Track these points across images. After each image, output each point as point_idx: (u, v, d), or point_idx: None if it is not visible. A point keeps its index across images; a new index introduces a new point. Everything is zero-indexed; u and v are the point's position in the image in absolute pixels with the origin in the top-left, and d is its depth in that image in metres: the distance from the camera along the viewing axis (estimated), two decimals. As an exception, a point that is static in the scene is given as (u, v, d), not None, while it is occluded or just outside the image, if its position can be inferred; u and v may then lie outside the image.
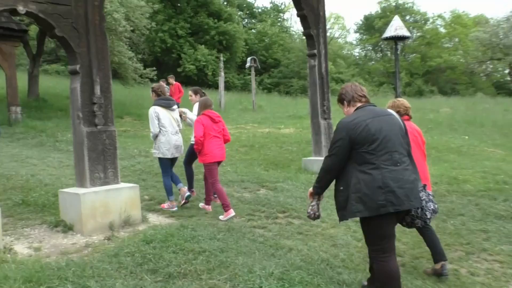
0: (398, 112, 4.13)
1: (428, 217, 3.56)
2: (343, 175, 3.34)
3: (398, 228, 3.66)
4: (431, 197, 3.66)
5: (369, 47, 50.82)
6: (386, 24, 41.34)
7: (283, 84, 38.80)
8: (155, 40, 31.69)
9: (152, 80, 18.83)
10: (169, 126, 6.27)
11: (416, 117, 15.49)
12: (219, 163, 6.35)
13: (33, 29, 17.21)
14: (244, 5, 45.71)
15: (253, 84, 22.97)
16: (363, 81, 40.32)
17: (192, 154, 6.83)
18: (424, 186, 3.62)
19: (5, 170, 8.09)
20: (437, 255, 4.28)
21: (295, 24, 51.56)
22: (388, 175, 3.17)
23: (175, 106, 6.53)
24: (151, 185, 7.77)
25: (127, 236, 5.02)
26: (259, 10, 49.18)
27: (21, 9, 4.63)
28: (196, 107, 6.63)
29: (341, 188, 3.35)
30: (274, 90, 36.49)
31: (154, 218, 5.97)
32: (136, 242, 4.66)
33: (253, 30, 45.33)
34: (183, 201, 6.43)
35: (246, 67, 23.87)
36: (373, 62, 49.32)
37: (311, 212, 3.58)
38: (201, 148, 6.06)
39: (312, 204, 3.60)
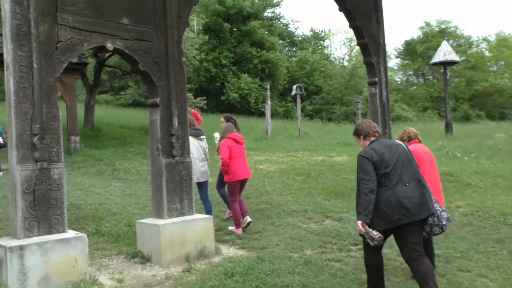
0: (409, 137, 5.04)
1: (444, 223, 4.11)
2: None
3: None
4: (443, 208, 4.23)
5: (410, 72, 50.08)
6: (428, 49, 40.91)
7: (325, 111, 38.68)
8: (200, 69, 32.45)
9: (201, 109, 19.17)
10: (196, 153, 6.81)
11: (473, 144, 15.07)
12: (244, 180, 7.05)
13: (91, 62, 17.97)
14: (285, 34, 46.33)
15: (299, 111, 23.01)
16: (407, 106, 39.65)
17: (222, 178, 7.24)
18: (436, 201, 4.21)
19: (73, 199, 8.31)
20: None
21: (335, 51, 51.73)
22: (401, 194, 3.88)
23: (203, 136, 7.18)
24: (214, 215, 7.78)
25: (206, 268, 4.98)
26: (300, 38, 49.71)
27: (109, 46, 4.81)
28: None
29: None
30: (316, 116, 36.42)
31: (225, 249, 5.94)
32: (217, 275, 4.62)
33: (294, 58, 45.74)
34: None
35: (292, 94, 23.98)
36: (415, 87, 48.46)
37: (377, 238, 3.86)
38: (228, 169, 6.69)
39: (369, 231, 3.88)
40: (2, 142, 11.27)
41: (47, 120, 4.27)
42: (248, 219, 6.85)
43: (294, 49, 48.90)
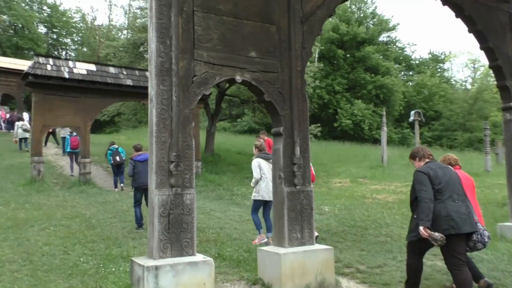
0: (449, 163, 5.43)
1: (486, 240, 4.60)
2: (417, 207, 4.52)
3: None
4: (484, 227, 4.76)
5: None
6: None
7: (446, 137, 36.19)
8: (313, 96, 32.67)
9: (315, 136, 19.16)
10: (268, 174, 7.46)
11: None
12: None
13: (213, 92, 19.13)
14: (401, 58, 44.76)
15: (417, 138, 21.92)
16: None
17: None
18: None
19: (196, 222, 8.75)
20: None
21: (457, 74, 48.46)
22: (450, 208, 4.41)
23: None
24: (331, 245, 7.61)
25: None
26: (417, 61, 47.63)
27: (238, 78, 5.06)
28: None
29: (415, 216, 4.56)
30: (435, 143, 34.22)
31: (346, 283, 5.73)
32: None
33: (410, 82, 43.87)
34: (258, 241, 7.41)
35: (410, 120, 22.89)
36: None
37: (440, 239, 4.27)
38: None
39: (431, 234, 4.30)
40: (119, 160, 13.34)
41: (182, 149, 4.59)
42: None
43: (410, 73, 46.95)
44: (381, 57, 38.22)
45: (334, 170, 18.87)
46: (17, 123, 19.99)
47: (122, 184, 13.74)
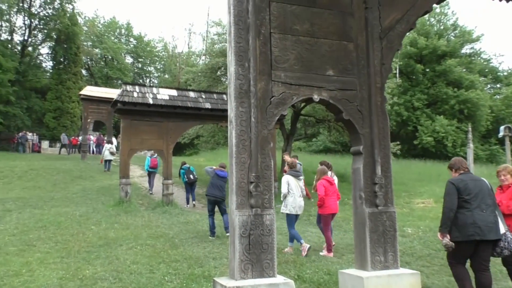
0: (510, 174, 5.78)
1: None
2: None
3: None
4: None
5: None
6: None
7: (542, 154, 33.11)
8: (391, 113, 31.64)
9: (394, 155, 18.46)
10: (296, 190, 8.24)
11: None
12: (333, 215, 8.53)
13: (289, 112, 19.25)
14: (487, 70, 42.01)
15: (508, 155, 20.34)
16: None
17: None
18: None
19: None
20: None
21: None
22: (477, 216, 4.92)
23: (302, 177, 8.67)
24: (416, 269, 7.18)
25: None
26: (505, 73, 44.43)
27: (315, 97, 5.03)
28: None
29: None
30: (529, 161, 31.42)
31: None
32: None
33: (498, 96, 40.99)
34: (305, 252, 7.95)
35: (499, 136, 21.34)
36: None
37: (449, 245, 4.99)
38: (322, 203, 8.21)
39: (445, 240, 5.03)
40: (192, 178, 14.59)
41: (262, 169, 4.62)
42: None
43: (498, 85, 43.87)
44: (464, 70, 36.24)
45: (416, 189, 17.97)
46: (106, 145, 22.18)
47: (194, 202, 14.99)
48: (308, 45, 5.06)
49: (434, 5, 5.95)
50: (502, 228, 5.08)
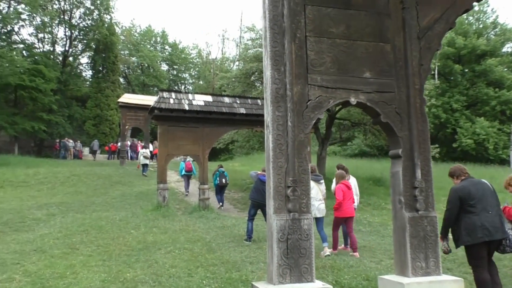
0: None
1: None
2: (457, 220, 5.47)
3: None
4: None
5: None
6: None
7: None
8: (428, 116, 30.77)
9: (433, 158, 17.94)
10: (316, 194, 8.45)
11: None
12: (350, 218, 8.76)
13: (324, 116, 19.12)
14: (530, 68, 40.40)
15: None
16: None
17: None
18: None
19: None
20: None
21: None
22: (484, 219, 5.26)
23: (322, 181, 8.92)
24: (458, 276, 6.95)
25: None
26: (550, 71, 42.55)
27: (352, 100, 4.97)
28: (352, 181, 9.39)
29: (455, 228, 5.51)
30: None
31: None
32: None
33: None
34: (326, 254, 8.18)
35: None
36: None
37: (444, 249, 5.60)
38: (339, 207, 8.52)
39: (443, 244, 5.60)
40: (224, 182, 15.28)
41: (299, 173, 4.60)
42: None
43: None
44: (505, 69, 34.95)
45: (457, 194, 17.42)
46: (141, 150, 22.97)
47: (221, 204, 15.56)
48: (344, 47, 5.02)
49: (474, 3, 5.77)
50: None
